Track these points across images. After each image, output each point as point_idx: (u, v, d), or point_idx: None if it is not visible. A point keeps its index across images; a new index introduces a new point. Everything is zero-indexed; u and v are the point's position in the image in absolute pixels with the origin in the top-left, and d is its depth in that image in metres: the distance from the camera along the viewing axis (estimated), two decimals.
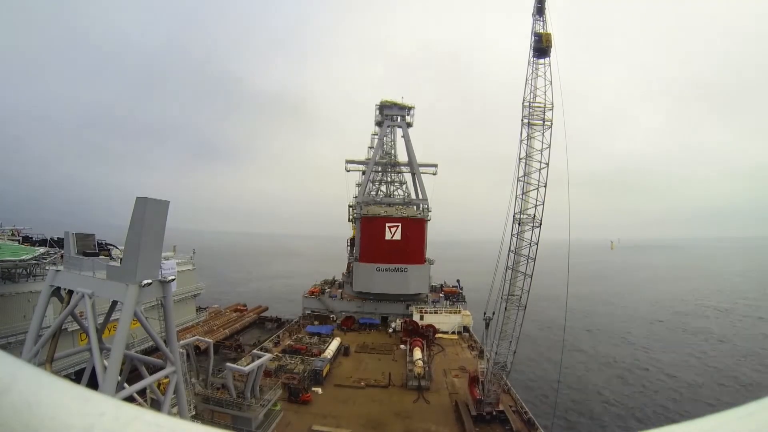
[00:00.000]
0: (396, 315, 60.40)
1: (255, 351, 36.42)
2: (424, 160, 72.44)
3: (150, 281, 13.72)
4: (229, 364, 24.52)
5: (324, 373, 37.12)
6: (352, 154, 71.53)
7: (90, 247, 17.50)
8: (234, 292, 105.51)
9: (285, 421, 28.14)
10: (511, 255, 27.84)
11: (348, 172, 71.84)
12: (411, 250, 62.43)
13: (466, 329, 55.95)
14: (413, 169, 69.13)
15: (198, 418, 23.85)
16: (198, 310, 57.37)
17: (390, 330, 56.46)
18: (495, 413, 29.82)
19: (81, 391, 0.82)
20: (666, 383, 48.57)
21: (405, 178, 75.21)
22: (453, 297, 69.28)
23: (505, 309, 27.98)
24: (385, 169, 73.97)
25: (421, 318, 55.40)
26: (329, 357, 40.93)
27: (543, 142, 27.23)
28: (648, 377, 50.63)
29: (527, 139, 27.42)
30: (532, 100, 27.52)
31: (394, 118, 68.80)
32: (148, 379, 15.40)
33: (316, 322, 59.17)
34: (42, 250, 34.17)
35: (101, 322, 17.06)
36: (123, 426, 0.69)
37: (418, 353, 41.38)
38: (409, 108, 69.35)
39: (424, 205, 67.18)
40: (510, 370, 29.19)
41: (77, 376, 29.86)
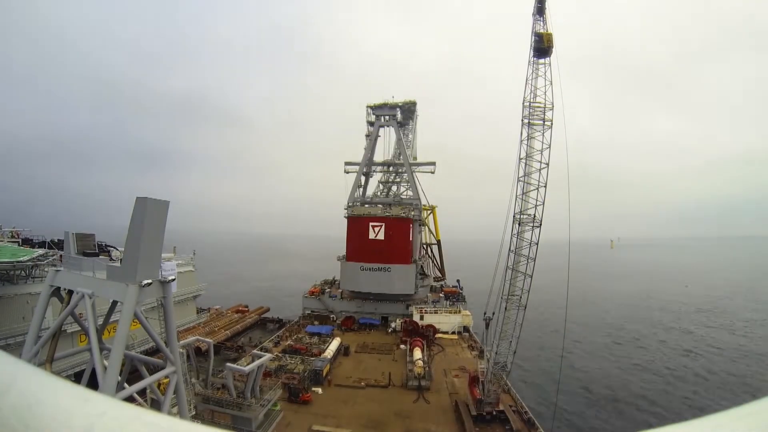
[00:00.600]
0: (396, 315, 60.40)
1: (255, 351, 36.44)
2: (429, 159, 72.66)
3: (150, 281, 13.71)
4: (229, 364, 24.53)
5: (324, 373, 37.13)
6: (352, 156, 71.72)
7: (90, 247, 17.49)
8: (234, 292, 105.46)
9: (285, 421, 28.14)
10: (511, 255, 27.86)
11: (347, 173, 72.01)
12: (395, 249, 61.77)
13: (466, 329, 55.97)
14: (407, 169, 68.69)
15: (198, 418, 23.86)
16: (199, 311, 57.37)
17: (390, 330, 56.49)
18: (495, 413, 29.81)
19: (81, 391, 0.82)
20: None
21: (417, 178, 75.94)
22: (453, 297, 69.31)
23: (506, 309, 28.00)
24: (384, 170, 73.95)
25: (421, 318, 55.39)
26: (329, 357, 40.92)
27: (543, 142, 27.26)
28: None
29: (527, 139, 27.45)
30: (532, 100, 27.55)
31: (385, 118, 68.24)
32: (148, 379, 15.39)
33: (316, 322, 59.18)
34: (41, 251, 34.16)
35: (101, 323, 17.05)
36: (123, 426, 0.69)
37: (418, 353, 41.38)
38: (399, 106, 68.52)
39: (415, 204, 66.92)
40: (510, 370, 29.20)
41: (77, 378, 29.86)
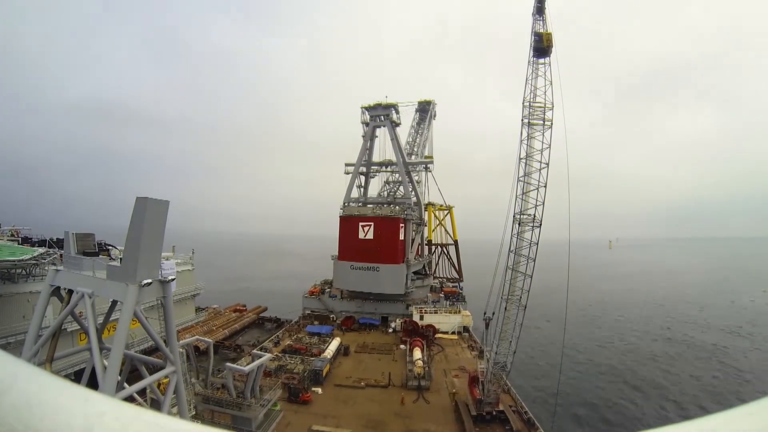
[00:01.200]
0: (396, 315, 60.45)
1: (255, 351, 36.43)
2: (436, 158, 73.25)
3: (150, 281, 13.71)
4: (229, 364, 24.51)
5: (324, 373, 37.14)
6: (352, 157, 71.99)
7: (90, 247, 17.49)
8: (233, 291, 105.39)
9: (285, 421, 28.16)
10: (511, 255, 27.86)
11: (347, 174, 72.01)
12: (384, 249, 61.80)
13: (466, 329, 55.99)
14: (400, 168, 68.55)
15: (198, 418, 23.87)
16: (197, 310, 57.40)
17: (390, 330, 56.50)
18: (495, 413, 29.83)
19: (81, 391, 0.82)
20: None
21: (420, 177, 76.00)
22: (453, 297, 69.36)
23: (505, 309, 28.01)
24: (391, 170, 73.73)
25: (421, 318, 55.43)
26: (329, 357, 40.94)
27: (543, 142, 27.25)
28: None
29: (527, 139, 27.44)
30: (532, 100, 27.54)
31: (379, 118, 68.33)
32: (148, 379, 15.38)
33: (316, 322, 59.23)
34: (41, 250, 34.16)
35: (101, 322, 17.05)
36: (123, 426, 0.69)
37: (418, 353, 41.41)
38: (394, 106, 68.44)
39: (407, 203, 66.92)
40: (510, 370, 29.20)
41: (77, 377, 29.86)
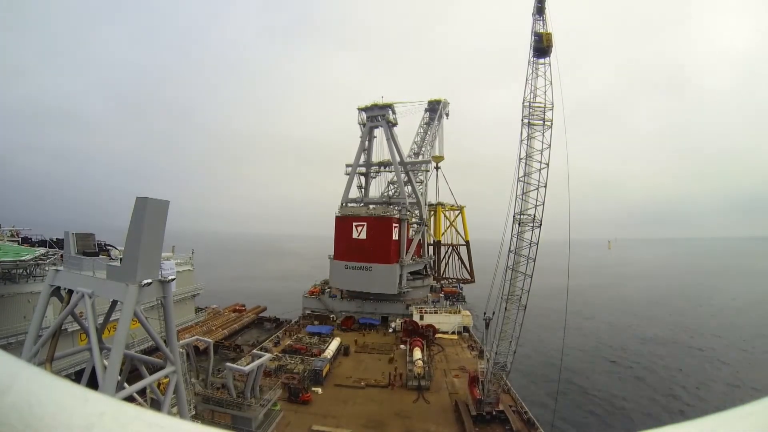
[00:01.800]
0: (396, 315, 60.48)
1: (255, 351, 36.44)
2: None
3: (150, 281, 13.71)
4: (229, 364, 24.52)
5: (324, 373, 37.14)
6: (351, 158, 72.13)
7: (90, 247, 17.49)
8: (233, 291, 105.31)
9: (285, 421, 28.15)
10: (511, 255, 27.86)
11: (347, 175, 72.31)
12: (377, 249, 62.19)
13: (466, 329, 56.00)
14: (395, 168, 68.55)
15: (198, 418, 23.85)
16: (197, 310, 57.39)
17: (390, 330, 56.51)
18: (495, 413, 29.82)
19: (81, 391, 0.82)
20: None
21: (425, 177, 76.24)
22: (453, 297, 69.42)
23: (505, 309, 28.01)
24: (379, 170, 73.72)
25: (421, 318, 55.43)
26: (329, 357, 40.94)
27: (543, 142, 27.25)
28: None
29: (527, 140, 27.44)
30: (532, 100, 27.54)
31: (376, 118, 68.43)
32: (148, 379, 15.38)
33: (316, 322, 59.24)
34: (42, 250, 34.17)
35: (101, 322, 17.05)
36: (123, 426, 0.69)
37: (418, 353, 41.41)
38: (390, 106, 68.35)
39: (402, 203, 67.09)
40: (510, 370, 29.20)
41: (77, 377, 29.87)
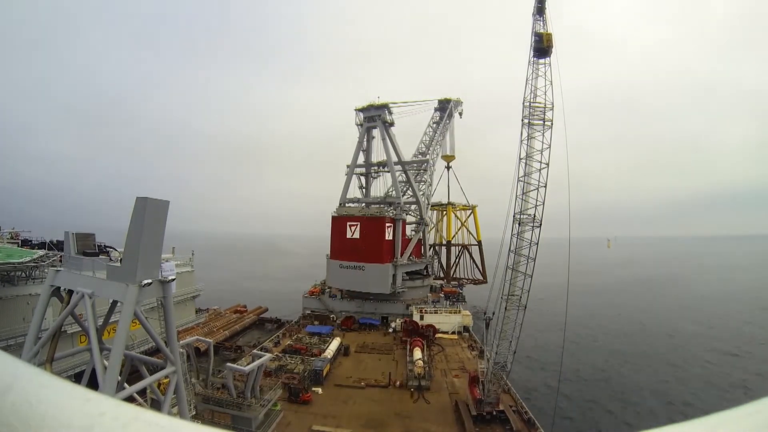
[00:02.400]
0: (396, 315, 60.51)
1: (255, 351, 36.44)
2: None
3: (150, 281, 13.71)
4: (229, 364, 24.53)
5: (324, 373, 37.15)
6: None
7: (90, 247, 17.48)
8: (233, 292, 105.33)
9: (285, 421, 28.16)
10: (511, 255, 27.86)
11: (352, 175, 72.76)
12: (369, 248, 62.67)
13: (466, 329, 56.01)
14: (390, 168, 68.54)
15: (198, 418, 23.87)
16: (197, 311, 57.36)
17: (390, 330, 56.51)
18: (495, 413, 29.83)
19: (81, 391, 0.82)
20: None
21: (428, 177, 76.07)
22: (453, 297, 69.40)
23: (506, 309, 28.01)
24: (378, 170, 73.70)
25: (421, 318, 55.46)
26: (329, 357, 40.95)
27: (543, 142, 27.26)
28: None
29: (527, 140, 27.45)
30: (532, 100, 27.55)
31: (373, 119, 68.52)
32: (148, 379, 15.38)
33: (316, 322, 59.26)
34: (41, 252, 34.15)
35: (101, 323, 17.05)
36: (123, 426, 0.69)
37: (418, 353, 41.41)
38: (386, 106, 68.35)
39: (397, 203, 67.22)
40: (510, 369, 29.19)
41: (77, 378, 29.85)
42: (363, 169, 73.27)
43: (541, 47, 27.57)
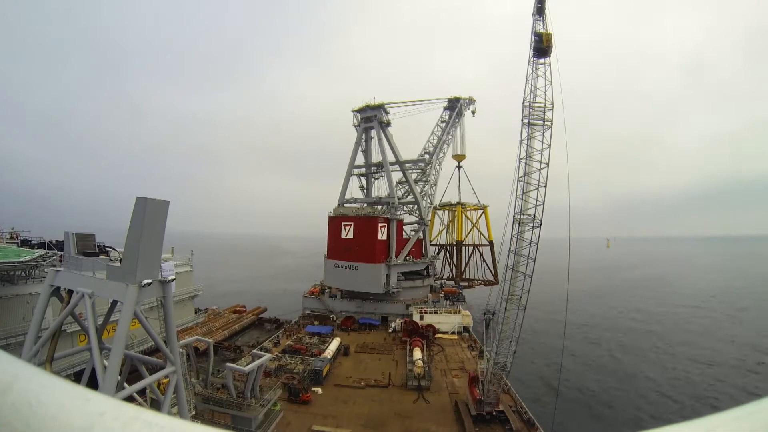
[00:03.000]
0: (396, 315, 60.48)
1: (255, 351, 36.42)
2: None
3: (150, 281, 13.73)
4: (229, 364, 24.50)
5: (324, 373, 37.14)
6: (358, 159, 73.19)
7: (90, 247, 17.52)
8: (233, 292, 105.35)
9: (285, 421, 28.14)
10: (511, 255, 27.86)
11: (352, 176, 72.93)
12: (362, 248, 62.89)
13: (466, 329, 55.99)
14: (386, 168, 68.52)
15: (198, 418, 23.85)
16: (197, 311, 57.37)
17: (390, 330, 56.50)
18: (495, 413, 29.83)
19: (81, 391, 0.82)
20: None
21: (434, 177, 76.27)
22: (453, 297, 69.33)
23: (505, 309, 28.01)
24: (377, 170, 73.68)
25: (421, 318, 55.45)
26: (329, 357, 40.94)
27: (543, 142, 27.25)
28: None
29: (527, 139, 27.44)
30: (532, 100, 27.54)
31: (369, 119, 68.40)
32: (148, 379, 15.38)
33: (316, 322, 59.23)
34: (41, 252, 34.15)
35: (101, 323, 17.05)
36: (123, 426, 0.69)
37: (418, 353, 41.40)
38: (382, 107, 68.19)
39: (392, 203, 67.38)
40: (510, 370, 29.18)
41: (77, 378, 29.86)
42: (364, 170, 73.34)
43: (541, 47, 27.56)
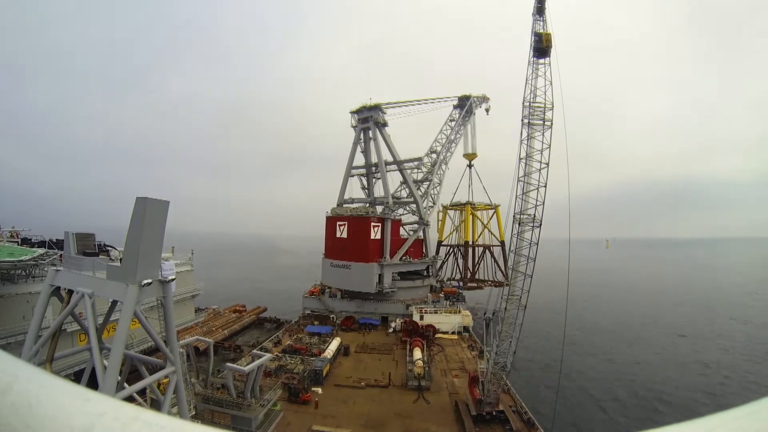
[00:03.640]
0: (396, 315, 60.48)
1: (255, 351, 36.43)
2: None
3: (150, 281, 13.72)
4: (229, 364, 24.50)
5: (324, 373, 37.14)
6: (360, 159, 73.47)
7: (90, 247, 17.52)
8: (233, 292, 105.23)
9: (285, 421, 28.15)
10: (511, 255, 27.88)
11: (353, 176, 73.16)
12: (355, 247, 63.16)
13: (466, 329, 55.99)
14: (381, 168, 68.28)
15: (198, 418, 23.85)
16: (197, 311, 57.34)
17: (390, 330, 56.50)
18: (495, 413, 29.84)
19: (81, 391, 0.82)
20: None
21: (440, 177, 75.80)
22: (453, 297, 69.32)
23: (506, 309, 28.02)
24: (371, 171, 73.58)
25: (421, 318, 55.44)
26: (329, 357, 40.93)
27: (543, 142, 27.25)
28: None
29: (527, 139, 27.44)
30: (532, 100, 27.54)
31: (366, 120, 68.28)
32: (148, 379, 15.38)
33: (316, 322, 59.21)
34: (41, 251, 34.16)
35: (101, 323, 17.05)
36: (123, 426, 0.69)
37: (418, 353, 41.40)
38: (379, 107, 67.92)
39: (386, 203, 67.33)
40: (510, 370, 29.18)
41: (77, 377, 29.86)
42: (364, 170, 73.31)
43: (541, 47, 27.56)
